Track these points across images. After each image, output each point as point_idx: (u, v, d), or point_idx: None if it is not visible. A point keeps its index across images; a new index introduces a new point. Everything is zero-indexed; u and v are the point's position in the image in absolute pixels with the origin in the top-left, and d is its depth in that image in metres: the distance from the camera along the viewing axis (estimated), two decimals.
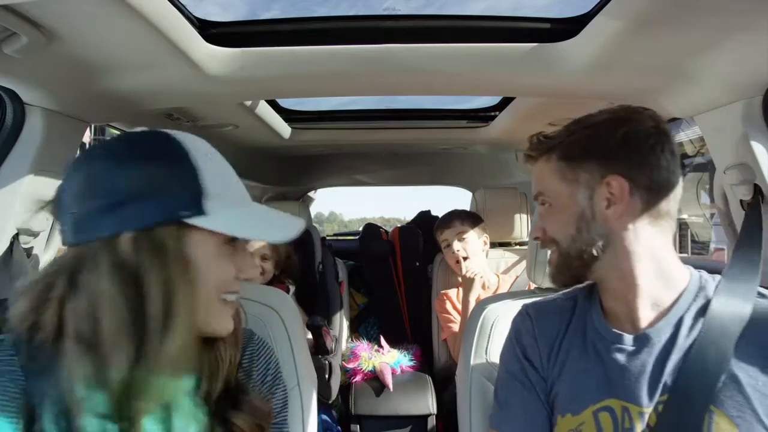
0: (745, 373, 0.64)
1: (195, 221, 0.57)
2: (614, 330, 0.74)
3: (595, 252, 0.71)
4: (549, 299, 0.86)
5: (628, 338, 0.72)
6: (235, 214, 0.61)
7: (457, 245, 1.82)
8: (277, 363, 0.79)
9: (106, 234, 0.55)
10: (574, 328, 0.79)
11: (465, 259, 1.81)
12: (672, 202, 0.71)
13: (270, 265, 1.74)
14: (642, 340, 0.71)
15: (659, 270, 0.71)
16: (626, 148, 0.70)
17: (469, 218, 1.89)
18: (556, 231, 0.75)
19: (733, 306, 0.68)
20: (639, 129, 0.70)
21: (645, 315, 0.72)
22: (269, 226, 0.65)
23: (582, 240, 0.72)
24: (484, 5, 1.09)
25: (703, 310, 0.69)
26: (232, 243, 0.63)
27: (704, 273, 0.74)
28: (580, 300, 0.82)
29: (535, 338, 0.81)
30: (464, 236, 1.83)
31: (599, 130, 0.72)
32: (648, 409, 0.67)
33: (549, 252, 0.79)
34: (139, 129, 0.62)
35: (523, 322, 0.85)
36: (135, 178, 0.56)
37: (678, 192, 0.71)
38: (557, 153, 0.74)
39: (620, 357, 0.71)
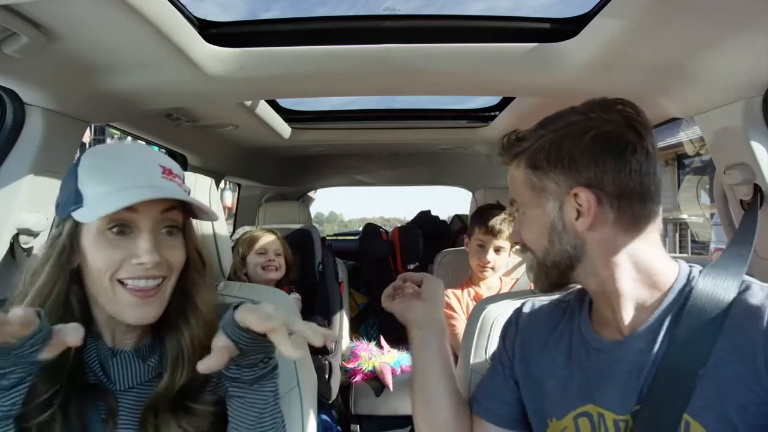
0: (723, 380, 0.60)
1: (74, 214, 0.66)
2: (596, 335, 0.73)
3: (569, 262, 0.70)
4: (545, 301, 0.86)
5: (608, 343, 0.70)
6: (100, 201, 0.66)
7: (492, 256, 1.73)
8: None
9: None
10: (560, 333, 0.78)
11: (492, 269, 1.78)
12: (650, 204, 0.67)
13: (283, 261, 1.75)
14: (621, 345, 0.69)
15: (641, 273, 0.68)
16: (593, 156, 0.66)
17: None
18: (530, 241, 0.74)
19: (714, 302, 0.64)
20: (608, 132, 0.66)
21: (628, 319, 0.69)
22: (123, 197, 0.65)
23: (555, 251, 0.70)
24: (484, 5, 1.09)
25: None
26: (115, 228, 0.67)
27: (696, 267, 0.70)
28: (572, 303, 0.81)
29: (516, 334, 0.83)
30: (502, 251, 1.75)
31: (566, 135, 0.68)
32: (623, 416, 0.66)
33: (526, 257, 0.77)
34: None
35: (509, 325, 0.87)
36: (59, 189, 0.71)
37: (656, 191, 0.68)
38: (525, 160, 0.72)
39: (599, 362, 0.70)
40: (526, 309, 0.86)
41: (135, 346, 0.74)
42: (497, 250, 1.75)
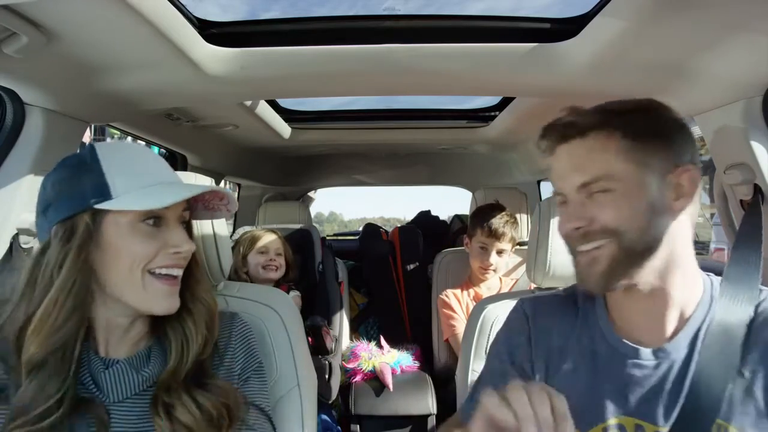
0: (758, 384, 0.60)
1: (102, 205, 0.66)
2: (628, 342, 0.68)
3: (652, 250, 0.63)
4: (547, 296, 0.80)
5: (646, 353, 0.66)
6: (139, 193, 0.68)
7: (495, 258, 1.74)
8: (250, 346, 0.83)
9: (46, 233, 0.68)
10: (578, 336, 0.72)
11: (494, 271, 1.77)
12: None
13: (283, 261, 1.76)
14: (660, 354, 0.65)
15: (687, 276, 0.66)
16: (688, 137, 0.63)
17: (515, 232, 1.77)
18: (621, 221, 0.62)
19: (737, 312, 0.63)
20: (685, 122, 0.65)
21: (668, 326, 0.66)
22: (161, 195, 0.68)
23: (651, 234, 0.62)
24: (484, 5, 1.09)
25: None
26: (151, 220, 0.69)
27: (713, 277, 0.70)
28: (581, 301, 0.75)
29: (530, 339, 0.74)
30: (504, 254, 1.76)
31: (659, 113, 0.64)
32: (664, 428, 0.63)
33: (590, 246, 0.64)
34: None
35: (517, 319, 0.77)
36: (53, 185, 0.69)
37: None
38: (622, 130, 0.63)
39: (637, 372, 0.66)
40: (534, 308, 0.77)
41: (129, 354, 0.73)
42: (499, 252, 1.75)
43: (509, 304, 1.07)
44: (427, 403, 1.75)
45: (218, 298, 0.97)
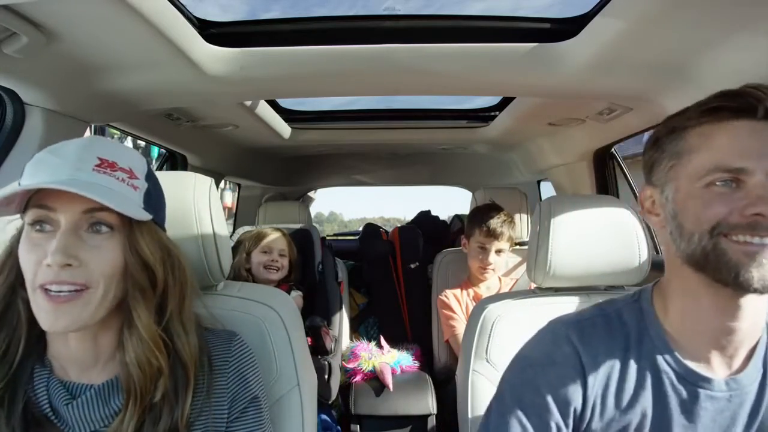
0: None
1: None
2: (699, 371, 0.61)
3: None
4: (590, 317, 0.69)
5: (719, 383, 0.60)
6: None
7: (493, 258, 1.75)
8: (245, 376, 0.74)
9: None
10: (637, 360, 0.64)
11: (493, 270, 1.78)
12: None
13: (287, 261, 1.75)
14: (734, 386, 0.60)
15: None
16: None
17: (512, 231, 1.79)
18: None
19: None
20: None
21: (741, 353, 0.60)
22: (37, 178, 0.61)
23: None
24: (484, 5, 1.10)
25: None
26: (38, 227, 0.60)
27: None
28: (628, 321, 0.66)
29: (583, 372, 0.64)
30: (503, 253, 1.77)
31: None
32: None
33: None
34: None
35: (562, 348, 0.66)
36: None
37: None
38: None
39: (710, 407, 0.60)
40: (582, 335, 0.66)
41: (105, 378, 0.66)
42: (498, 251, 1.75)
43: (510, 304, 1.07)
44: (427, 403, 1.75)
45: (218, 298, 0.97)
